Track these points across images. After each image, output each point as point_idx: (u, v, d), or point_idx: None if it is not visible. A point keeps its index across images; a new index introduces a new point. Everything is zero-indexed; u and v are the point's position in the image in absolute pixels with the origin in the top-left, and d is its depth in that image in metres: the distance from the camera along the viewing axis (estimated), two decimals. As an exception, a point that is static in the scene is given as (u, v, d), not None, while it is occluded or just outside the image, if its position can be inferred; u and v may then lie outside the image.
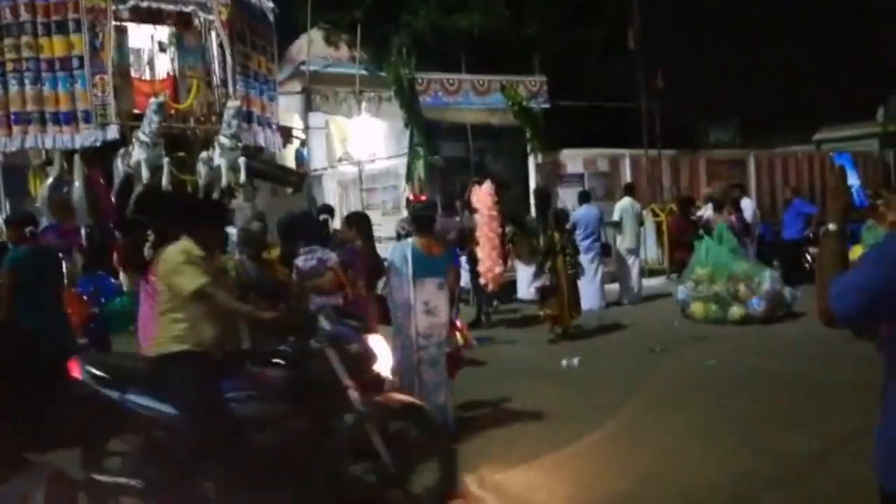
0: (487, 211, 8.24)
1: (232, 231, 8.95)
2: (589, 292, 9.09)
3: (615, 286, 10.45)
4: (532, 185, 12.41)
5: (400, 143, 13.04)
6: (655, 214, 12.26)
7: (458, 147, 14.40)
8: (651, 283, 11.25)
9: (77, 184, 9.37)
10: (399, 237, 7.37)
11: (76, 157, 9.55)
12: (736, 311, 8.04)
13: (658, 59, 14.61)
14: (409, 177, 11.64)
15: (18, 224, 4.94)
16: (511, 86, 12.91)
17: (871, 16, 19.82)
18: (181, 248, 3.25)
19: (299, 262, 4.40)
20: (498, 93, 13.03)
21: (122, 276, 7.46)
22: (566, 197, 11.47)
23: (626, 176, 12.93)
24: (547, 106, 13.65)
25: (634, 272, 10.30)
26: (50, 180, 9.38)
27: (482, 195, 8.32)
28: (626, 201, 10.57)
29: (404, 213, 9.44)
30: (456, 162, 14.03)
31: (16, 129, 9.49)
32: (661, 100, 14.00)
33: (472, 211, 8.56)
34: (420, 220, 4.85)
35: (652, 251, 12.38)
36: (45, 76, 9.50)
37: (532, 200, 11.74)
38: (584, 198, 10.15)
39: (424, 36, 13.90)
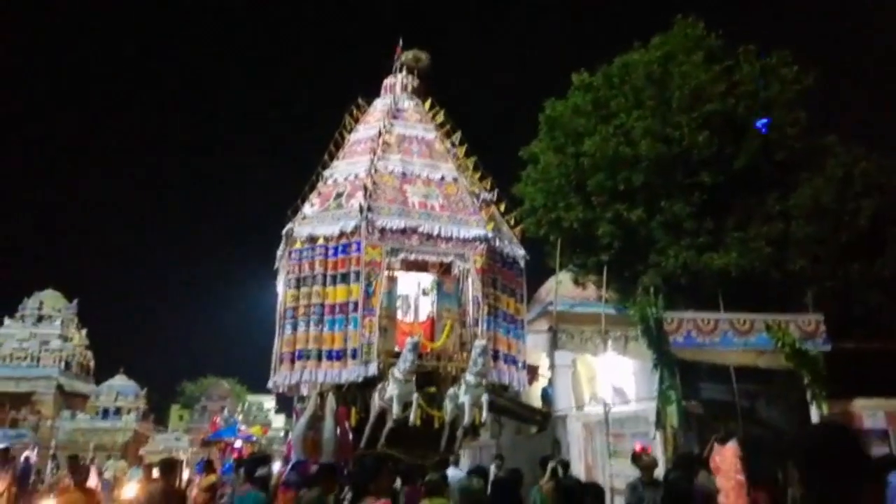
0: (734, 475, 6.91)
1: (454, 474, 8.70)
2: None
3: None
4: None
5: (651, 385, 12.20)
6: None
7: (721, 390, 12.99)
8: None
9: (328, 422, 10.21)
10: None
11: (329, 395, 10.52)
12: None
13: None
14: (660, 423, 10.59)
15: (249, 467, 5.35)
16: (778, 325, 11.63)
17: None
18: None
19: None
20: (763, 333, 11.79)
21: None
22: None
23: (949, 436, 10.24)
24: (827, 348, 11.88)
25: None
26: (305, 418, 10.37)
27: (726, 456, 7.08)
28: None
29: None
30: (719, 407, 12.57)
31: (297, 364, 10.91)
32: None
33: (713, 472, 7.27)
34: (675, 494, 3.93)
35: None
36: (326, 319, 11.00)
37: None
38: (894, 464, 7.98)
39: (675, 275, 13.51)
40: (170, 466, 7.24)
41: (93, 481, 12.54)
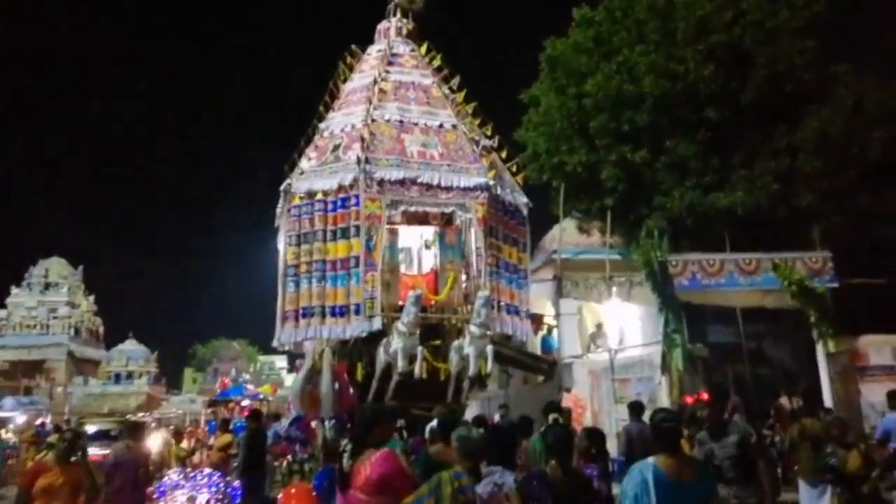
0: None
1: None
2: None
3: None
4: (824, 378, 10.38)
5: (657, 329, 12.14)
6: None
7: (728, 332, 12.92)
8: None
9: (325, 376, 10.19)
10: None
11: (326, 351, 10.47)
12: None
13: None
14: (665, 367, 10.55)
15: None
16: (785, 263, 11.46)
17: None
18: None
19: (479, 487, 3.70)
20: (769, 272, 11.63)
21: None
22: (871, 396, 9.28)
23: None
24: (834, 285, 11.73)
25: None
26: (302, 373, 10.34)
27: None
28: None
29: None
30: (725, 349, 12.53)
31: (302, 321, 10.84)
32: None
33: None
34: (663, 433, 3.49)
35: None
36: (328, 275, 10.87)
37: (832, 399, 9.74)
38: (896, 400, 7.93)
39: (680, 217, 13.27)
40: (134, 428, 7.97)
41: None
